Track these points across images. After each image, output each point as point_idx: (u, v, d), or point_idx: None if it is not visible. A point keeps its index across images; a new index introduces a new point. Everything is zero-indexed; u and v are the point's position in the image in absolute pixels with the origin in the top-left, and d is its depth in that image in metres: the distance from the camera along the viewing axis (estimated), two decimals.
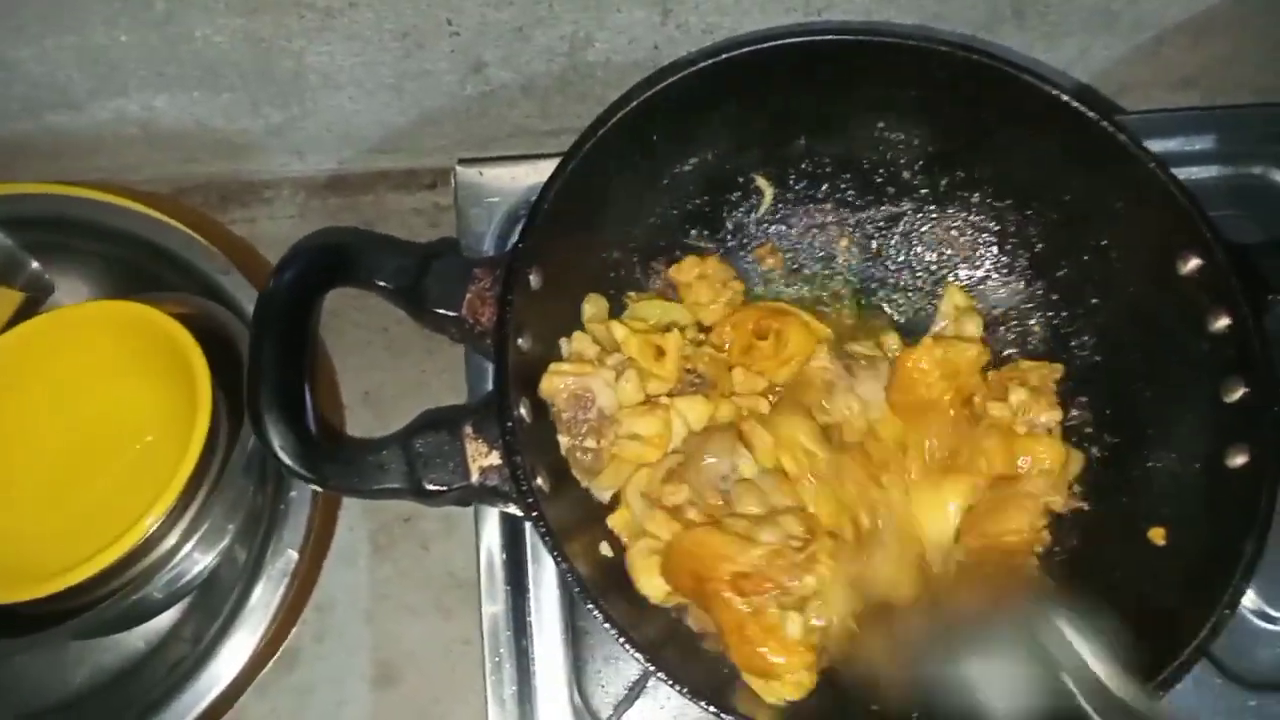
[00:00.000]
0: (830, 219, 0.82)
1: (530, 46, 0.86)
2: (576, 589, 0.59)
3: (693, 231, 0.81)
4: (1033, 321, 0.80)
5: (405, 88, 0.89)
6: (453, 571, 0.84)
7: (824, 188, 0.82)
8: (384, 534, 0.85)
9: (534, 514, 0.60)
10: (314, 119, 0.92)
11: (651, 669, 0.57)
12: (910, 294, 0.83)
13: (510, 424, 0.61)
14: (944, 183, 0.80)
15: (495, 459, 0.62)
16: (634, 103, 0.68)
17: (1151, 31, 0.93)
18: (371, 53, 0.85)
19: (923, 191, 0.81)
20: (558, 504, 0.64)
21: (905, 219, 0.82)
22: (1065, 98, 0.69)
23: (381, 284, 0.65)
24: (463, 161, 0.85)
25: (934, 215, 0.82)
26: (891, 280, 0.83)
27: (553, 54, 0.87)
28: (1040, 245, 0.79)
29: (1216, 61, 0.97)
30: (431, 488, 0.61)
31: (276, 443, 0.59)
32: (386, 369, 0.90)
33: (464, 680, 0.80)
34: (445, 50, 0.85)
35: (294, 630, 0.82)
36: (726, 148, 0.77)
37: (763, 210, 0.82)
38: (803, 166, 0.80)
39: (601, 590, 0.61)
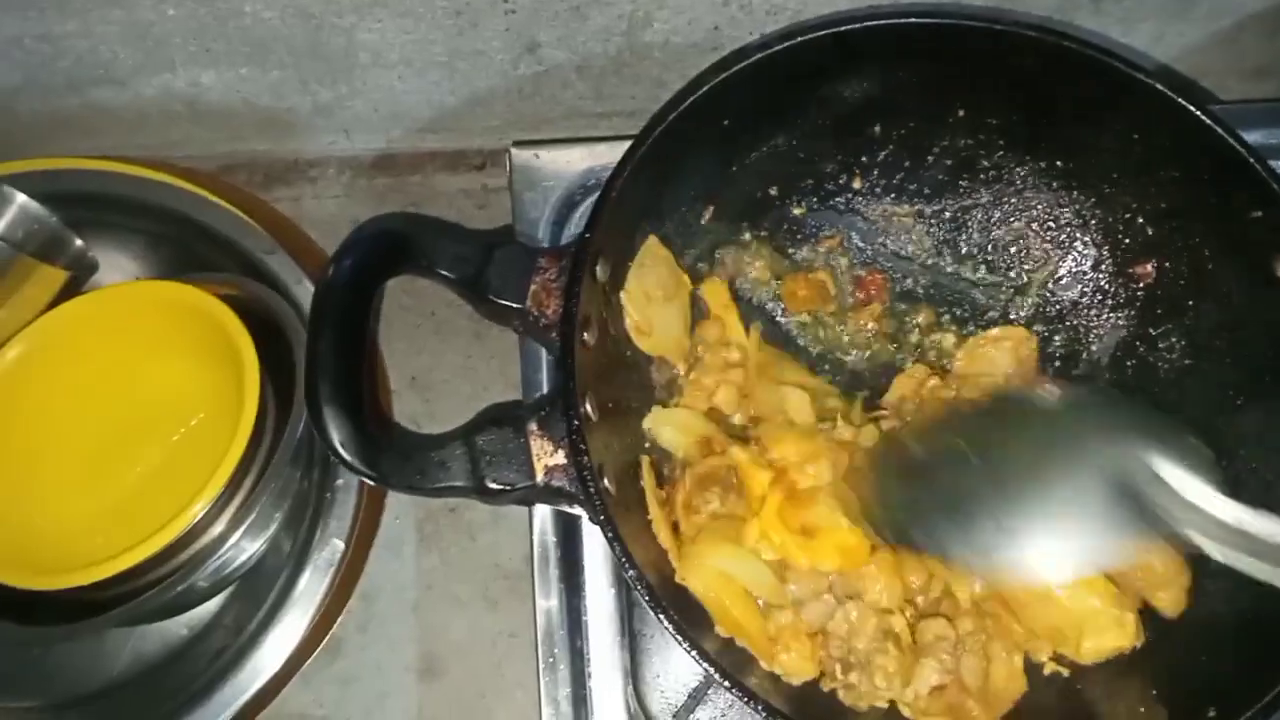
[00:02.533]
0: (904, 209, 0.80)
1: (587, 26, 0.83)
2: (644, 595, 0.57)
3: (760, 222, 0.78)
4: (1105, 320, 0.77)
5: (457, 66, 0.86)
6: (499, 562, 0.82)
7: (898, 177, 0.79)
8: (430, 523, 0.84)
9: (601, 517, 0.57)
10: (363, 97, 0.89)
11: (722, 680, 0.55)
12: (981, 290, 0.80)
13: (576, 422, 0.58)
14: (1022, 172, 0.77)
15: (560, 458, 0.59)
16: (706, 87, 0.65)
17: (1230, 19, 0.90)
18: (424, 30, 0.82)
19: (1001, 181, 0.78)
20: (622, 506, 0.62)
21: (982, 209, 0.79)
22: (1160, 87, 0.66)
23: (444, 273, 0.62)
24: (518, 144, 0.82)
25: (1013, 204, 0.78)
26: (965, 279, 0.81)
27: (609, 34, 0.84)
28: (1127, 241, 0.75)
29: None
30: (495, 486, 0.59)
31: (337, 438, 0.57)
32: (434, 353, 0.88)
33: (511, 674, 0.79)
34: (499, 29, 0.82)
35: (339, 620, 0.81)
36: (798, 135, 0.74)
37: (834, 200, 0.79)
38: (877, 155, 0.77)
39: (666, 596, 0.59)
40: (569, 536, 0.74)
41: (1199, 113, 0.65)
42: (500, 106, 0.90)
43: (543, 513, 0.75)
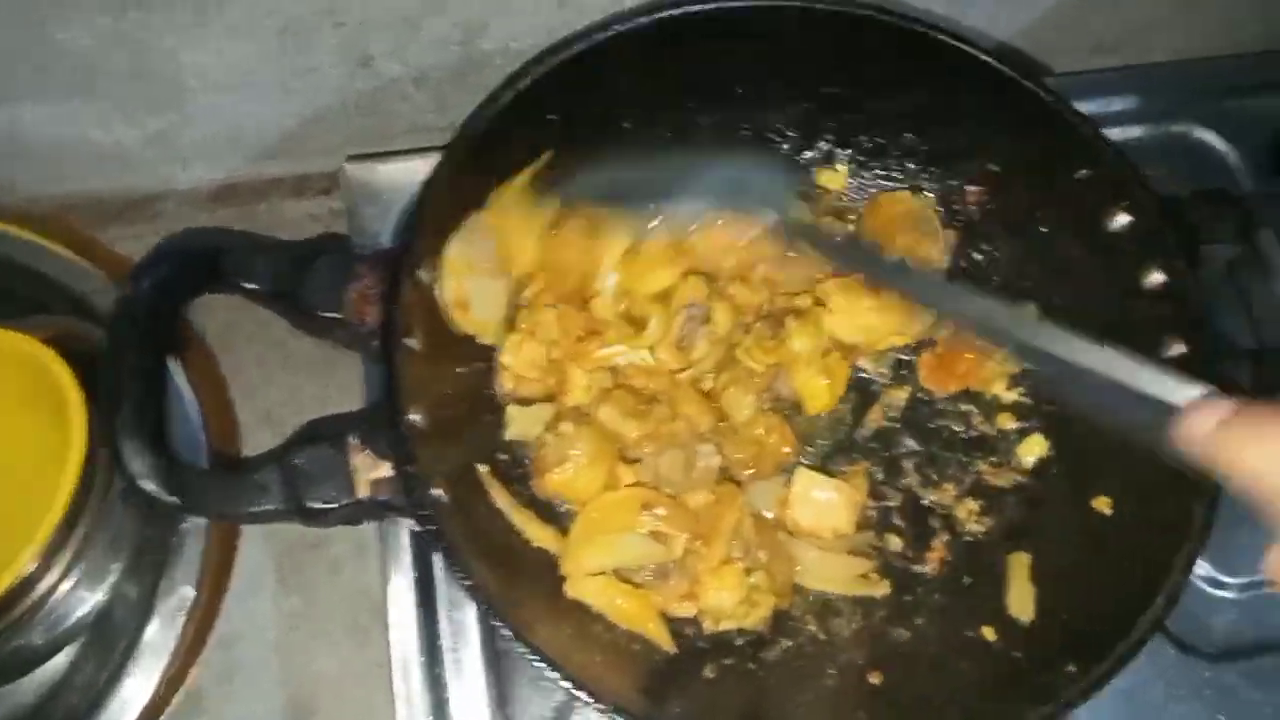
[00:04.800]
0: None
1: (420, 36, 0.81)
2: (483, 606, 0.54)
3: None
4: None
5: (291, 86, 0.83)
6: (367, 593, 0.78)
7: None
8: (289, 560, 0.80)
9: (431, 528, 0.55)
10: (196, 125, 0.86)
11: (574, 690, 0.53)
12: None
13: (402, 431, 0.55)
14: (862, 153, 0.76)
15: (386, 471, 0.56)
16: (520, 85, 0.63)
17: None
18: (251, 50, 0.79)
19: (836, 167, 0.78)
20: (461, 515, 0.59)
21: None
22: (985, 58, 0.66)
23: (253, 287, 0.59)
24: (352, 158, 0.80)
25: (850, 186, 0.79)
26: None
27: (445, 43, 0.82)
28: (963, 217, 0.76)
29: (1134, 26, 0.95)
30: (314, 506, 0.56)
31: (137, 468, 0.53)
32: (286, 386, 0.84)
33: (385, 707, 0.74)
34: (330, 44, 0.80)
35: (195, 671, 0.76)
36: (631, 120, 0.73)
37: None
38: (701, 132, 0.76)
39: (514, 601, 0.56)
40: (424, 557, 0.71)
41: (1028, 81, 0.66)
42: (340, 125, 0.87)
43: (398, 535, 0.72)
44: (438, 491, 0.57)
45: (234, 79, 0.82)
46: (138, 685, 0.69)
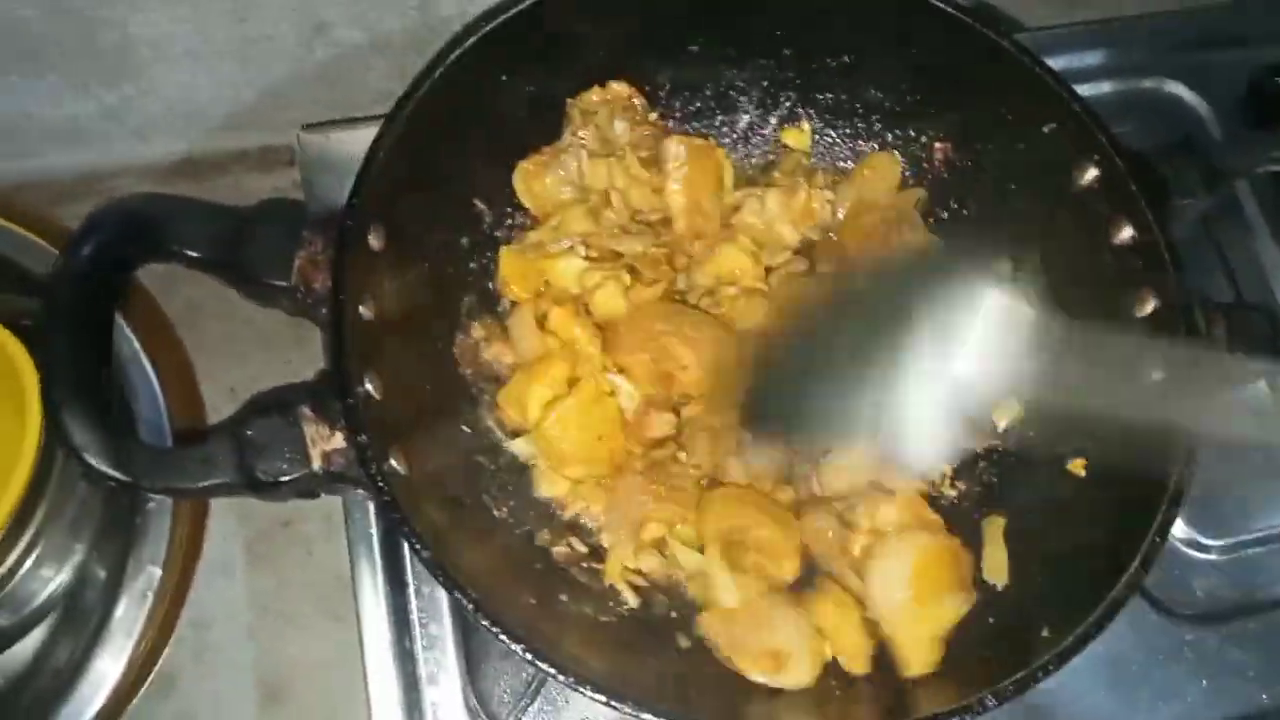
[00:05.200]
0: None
1: (377, 1, 0.79)
2: (442, 580, 0.53)
3: None
4: None
5: (247, 55, 0.82)
6: (340, 574, 0.77)
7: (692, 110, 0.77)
8: (261, 541, 0.79)
9: (385, 499, 0.53)
10: (153, 97, 0.84)
11: (540, 664, 0.51)
12: None
13: (351, 401, 0.54)
14: (826, 111, 0.75)
15: (340, 441, 0.55)
16: (466, 44, 0.62)
17: None
18: (201, 18, 0.78)
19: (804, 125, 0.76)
20: (421, 486, 0.58)
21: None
22: (953, 12, 0.65)
23: (195, 255, 0.58)
24: (307, 127, 0.78)
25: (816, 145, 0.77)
26: None
27: (403, 8, 0.80)
28: (932, 174, 0.75)
29: None
30: (267, 479, 0.54)
31: (80, 441, 0.52)
32: (253, 364, 0.83)
33: (358, 686, 0.73)
34: (283, 9, 0.78)
35: (167, 651, 0.76)
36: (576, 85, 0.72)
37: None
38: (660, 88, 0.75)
39: (477, 580, 0.55)
40: (393, 535, 0.69)
41: (990, 32, 0.65)
42: (301, 96, 0.86)
43: (364, 510, 0.71)
44: (394, 463, 0.55)
45: (188, 48, 0.80)
46: (107, 667, 0.68)
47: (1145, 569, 0.55)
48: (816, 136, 0.77)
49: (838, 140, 0.78)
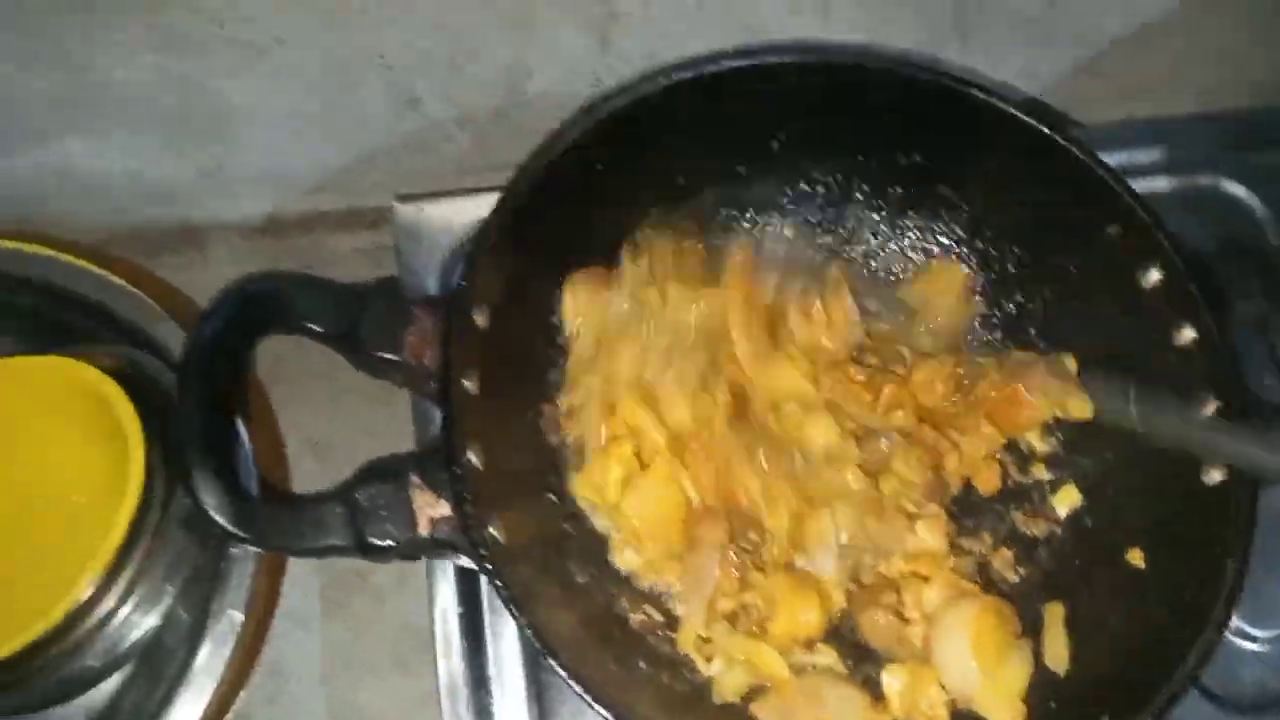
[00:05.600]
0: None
1: (464, 78, 0.83)
2: (538, 645, 0.56)
3: None
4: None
5: (338, 124, 0.86)
6: (410, 624, 0.80)
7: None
8: (335, 589, 0.81)
9: (487, 566, 0.56)
10: (243, 160, 0.88)
11: None
12: None
13: (459, 471, 0.57)
14: (892, 208, 0.78)
15: (445, 509, 0.58)
16: (575, 131, 0.65)
17: (1093, 46, 0.92)
18: (300, 90, 0.82)
19: (873, 217, 0.79)
20: (515, 553, 0.61)
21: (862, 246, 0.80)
22: (1014, 111, 0.68)
23: (316, 329, 0.61)
24: (400, 198, 0.82)
25: (887, 239, 0.80)
26: None
27: (489, 86, 0.84)
28: (998, 268, 0.77)
29: (1160, 73, 0.96)
30: (377, 542, 0.58)
31: (209, 502, 0.55)
32: (332, 417, 0.86)
33: None
34: (377, 84, 0.82)
35: (242, 695, 0.78)
36: (676, 174, 0.75)
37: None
38: (752, 189, 0.78)
39: (564, 643, 0.58)
40: (470, 591, 0.72)
41: (1055, 134, 0.67)
42: (386, 163, 0.90)
43: (443, 570, 0.73)
44: (494, 531, 0.59)
45: (282, 117, 0.84)
46: (187, 710, 0.70)
47: (1203, 663, 0.57)
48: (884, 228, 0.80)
49: (903, 236, 0.80)
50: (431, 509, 0.58)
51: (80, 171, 0.86)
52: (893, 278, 0.80)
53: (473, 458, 0.60)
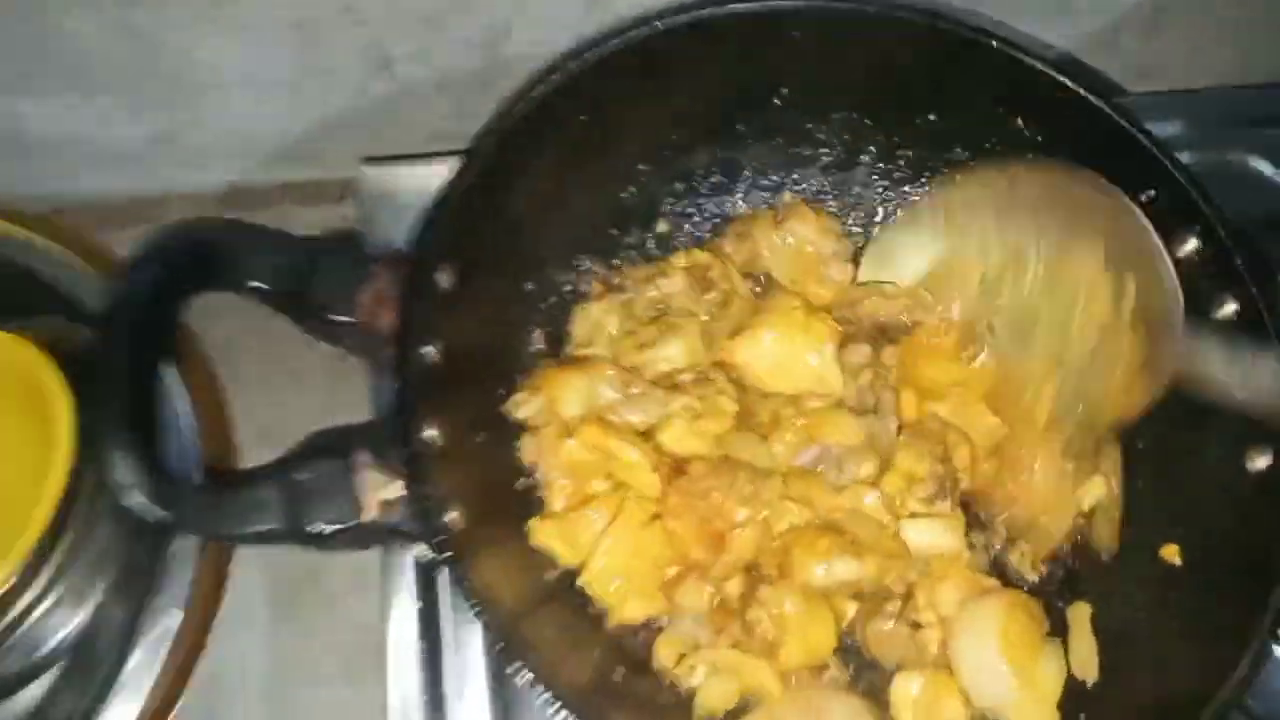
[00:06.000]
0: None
1: (443, 38, 0.78)
2: (500, 645, 0.49)
3: (629, 228, 0.73)
4: None
5: (304, 87, 0.80)
6: (364, 631, 0.73)
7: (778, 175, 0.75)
8: (285, 589, 0.76)
9: (446, 554, 0.50)
10: (204, 125, 0.83)
11: None
12: None
13: (415, 448, 0.51)
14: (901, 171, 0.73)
15: (396, 490, 0.51)
16: (553, 80, 0.59)
17: (1108, 18, 0.89)
18: (265, 47, 0.76)
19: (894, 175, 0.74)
20: (478, 542, 0.54)
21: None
22: (1047, 68, 0.63)
23: (259, 286, 0.55)
24: (369, 160, 0.76)
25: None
26: None
27: (469, 46, 0.79)
28: None
29: (1176, 49, 0.94)
30: (316, 528, 0.51)
31: (122, 477, 0.48)
32: (287, 404, 0.79)
33: None
34: (348, 43, 0.77)
35: (180, 703, 0.72)
36: (660, 130, 0.70)
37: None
38: (750, 149, 0.73)
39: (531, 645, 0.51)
40: (430, 598, 0.66)
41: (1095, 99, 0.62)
42: (357, 130, 0.84)
43: (402, 570, 0.67)
44: (453, 516, 0.52)
45: (246, 77, 0.79)
46: (118, 716, 0.64)
47: (1253, 676, 0.51)
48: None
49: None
50: (380, 490, 0.51)
51: (26, 132, 0.81)
52: None
53: (432, 434, 0.53)
